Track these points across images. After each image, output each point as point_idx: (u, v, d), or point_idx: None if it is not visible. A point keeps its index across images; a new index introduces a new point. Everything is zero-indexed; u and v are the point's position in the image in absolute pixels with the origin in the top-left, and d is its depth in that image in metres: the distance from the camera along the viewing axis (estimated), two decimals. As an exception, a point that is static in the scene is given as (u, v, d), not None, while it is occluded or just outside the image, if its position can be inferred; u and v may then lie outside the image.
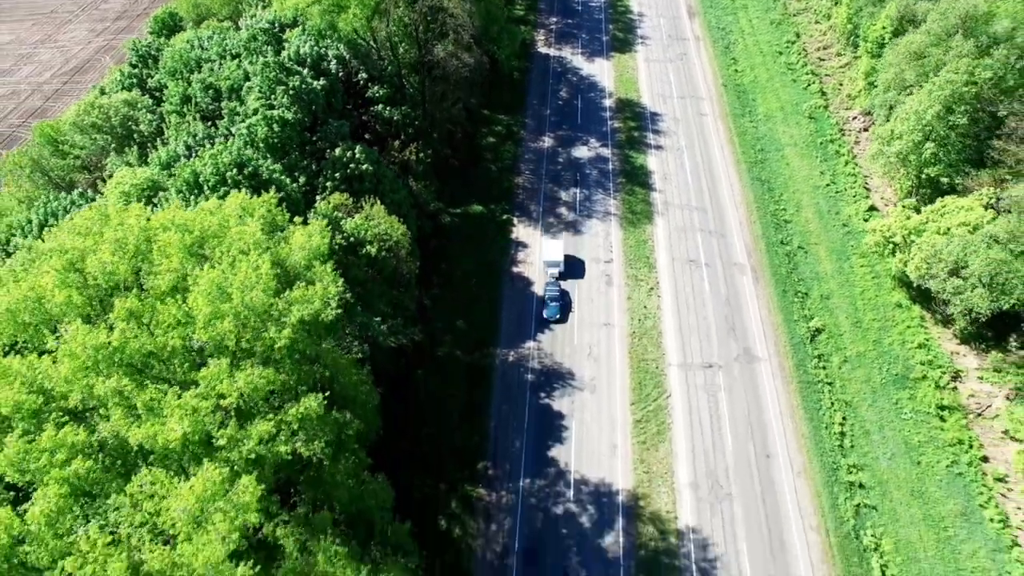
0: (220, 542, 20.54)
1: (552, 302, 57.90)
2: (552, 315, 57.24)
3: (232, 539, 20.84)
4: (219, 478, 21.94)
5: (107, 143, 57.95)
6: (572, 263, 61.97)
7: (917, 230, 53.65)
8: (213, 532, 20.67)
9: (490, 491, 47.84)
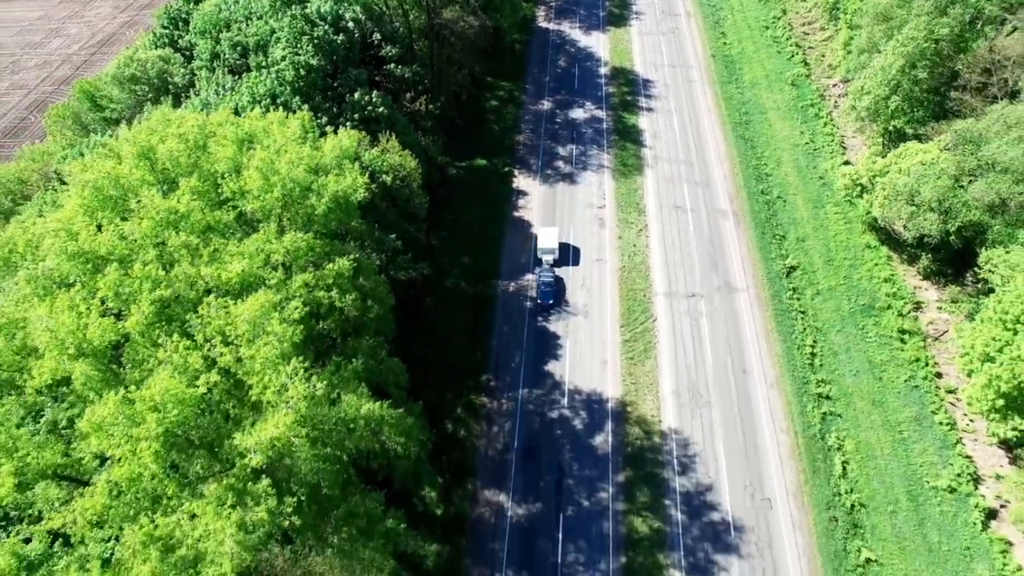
0: (276, 343, 25.70)
1: (546, 287, 59.51)
2: (545, 300, 59.04)
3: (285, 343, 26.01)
4: (273, 299, 27.12)
5: (144, 94, 63.25)
6: (566, 250, 63.65)
7: (881, 172, 58.89)
8: (271, 335, 25.82)
9: (492, 399, 53.14)
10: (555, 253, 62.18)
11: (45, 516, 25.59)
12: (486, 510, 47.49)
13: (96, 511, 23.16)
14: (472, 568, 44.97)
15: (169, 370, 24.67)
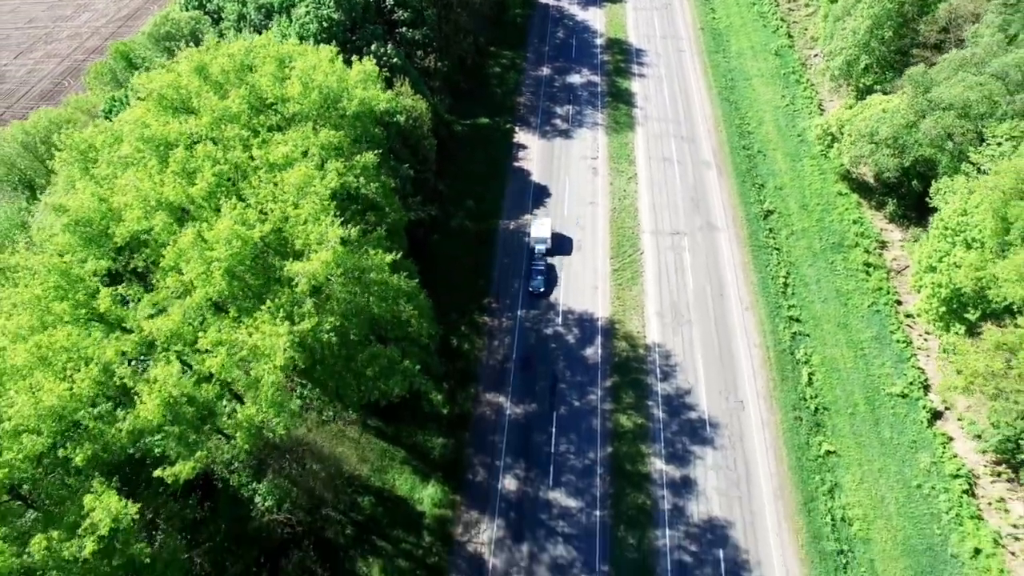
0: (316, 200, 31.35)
1: (538, 275, 60.74)
2: (537, 288, 60.11)
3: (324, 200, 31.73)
4: (312, 169, 32.80)
5: (177, 50, 69.21)
6: (560, 240, 64.65)
7: (849, 121, 64.50)
8: (313, 195, 31.48)
9: (493, 319, 58.81)
10: (548, 243, 63.28)
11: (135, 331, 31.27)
12: (487, 409, 53.14)
13: (172, 328, 28.83)
14: (474, 457, 50.62)
15: (230, 219, 30.32)
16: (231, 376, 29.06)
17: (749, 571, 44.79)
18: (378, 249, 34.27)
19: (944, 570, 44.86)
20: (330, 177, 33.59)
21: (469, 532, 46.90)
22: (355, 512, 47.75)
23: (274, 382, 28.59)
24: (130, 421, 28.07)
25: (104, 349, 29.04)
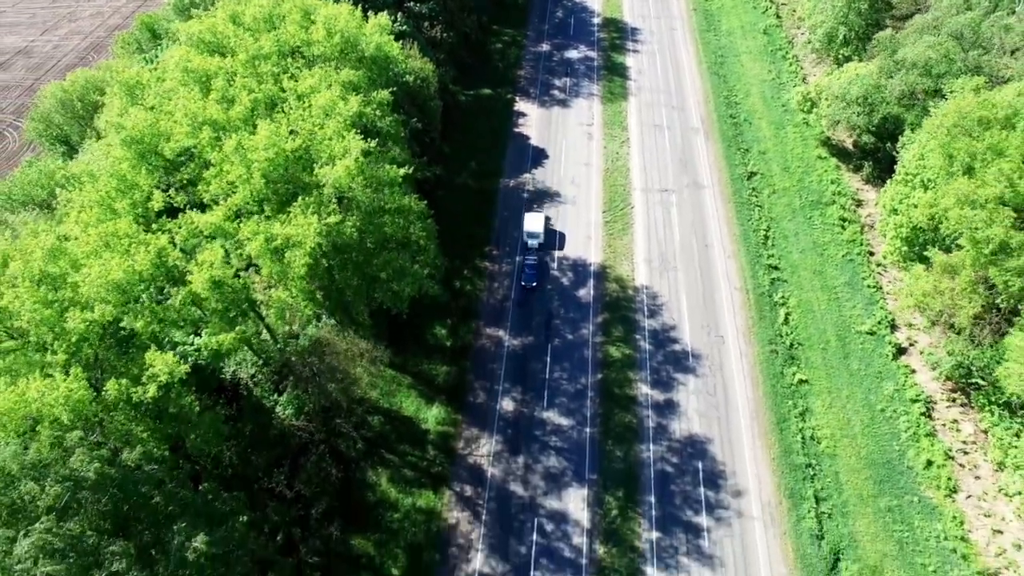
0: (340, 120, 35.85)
1: (530, 270, 61.40)
2: (529, 282, 60.85)
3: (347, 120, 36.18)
4: (336, 95, 37.33)
5: (199, 20, 74.03)
6: (552, 234, 65.57)
7: (827, 86, 68.99)
8: (337, 115, 35.98)
9: (493, 264, 63.35)
10: (540, 238, 64.08)
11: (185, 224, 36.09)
12: (487, 342, 57.61)
13: (216, 222, 33.41)
14: (475, 382, 55.09)
15: (267, 131, 34.83)
16: (266, 261, 33.61)
17: (725, 480, 49.22)
18: (392, 165, 38.74)
19: (900, 480, 49.27)
20: (352, 103, 38.16)
21: (470, 446, 51.37)
22: (365, 429, 52.26)
23: (304, 264, 33.07)
24: (183, 294, 32.58)
25: (159, 237, 33.62)
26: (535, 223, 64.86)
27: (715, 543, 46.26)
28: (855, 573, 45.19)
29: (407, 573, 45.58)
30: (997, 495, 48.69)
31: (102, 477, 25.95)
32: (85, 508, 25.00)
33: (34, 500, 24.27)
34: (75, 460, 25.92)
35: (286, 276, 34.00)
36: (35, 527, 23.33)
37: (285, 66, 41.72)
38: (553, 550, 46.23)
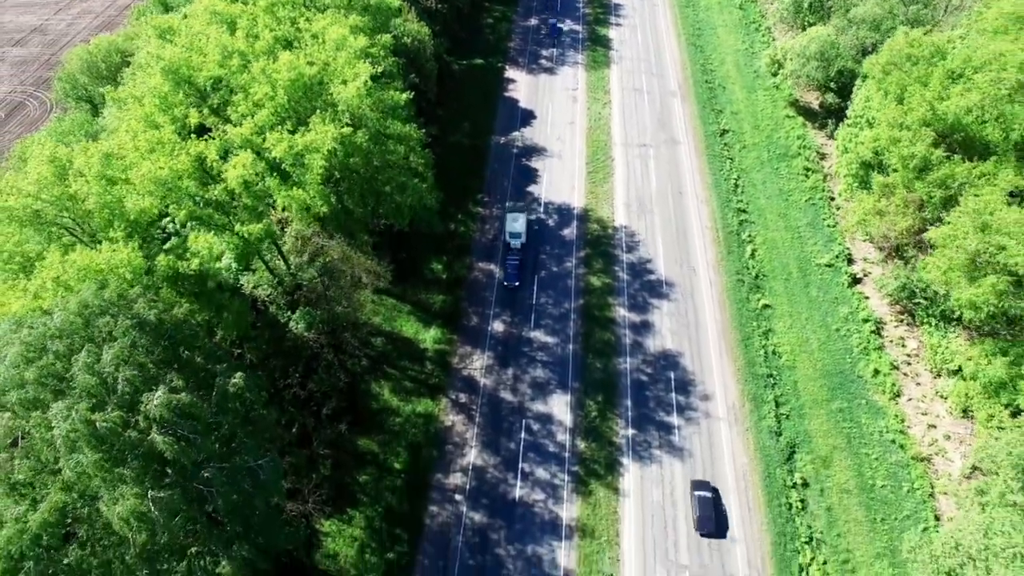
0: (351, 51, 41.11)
1: (512, 270, 61.61)
2: (512, 282, 61.21)
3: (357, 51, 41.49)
4: (346, 32, 42.74)
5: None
6: (534, 232, 65.91)
7: (792, 48, 74.84)
8: (348, 47, 41.35)
9: (485, 209, 68.80)
10: (523, 238, 64.17)
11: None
12: (479, 275, 62.98)
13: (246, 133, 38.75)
14: (469, 308, 60.44)
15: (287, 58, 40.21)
16: (288, 165, 38.85)
17: (694, 387, 54.67)
18: (396, 91, 44.09)
19: (851, 387, 54.84)
20: (360, 39, 43.48)
21: (464, 361, 56.67)
22: (369, 348, 57.50)
23: (321, 166, 38.28)
24: (219, 188, 37.76)
25: (196, 144, 38.82)
26: (517, 223, 64.46)
27: (685, 438, 51.71)
28: (808, 462, 50.79)
29: (408, 467, 50.87)
30: (934, 398, 54.38)
31: (160, 321, 31.11)
32: (147, 345, 30.18)
33: (111, 332, 29.43)
34: (138, 306, 31.04)
35: (304, 179, 39.23)
36: (114, 345, 28.47)
37: (301, 12, 47.01)
38: (539, 445, 51.57)
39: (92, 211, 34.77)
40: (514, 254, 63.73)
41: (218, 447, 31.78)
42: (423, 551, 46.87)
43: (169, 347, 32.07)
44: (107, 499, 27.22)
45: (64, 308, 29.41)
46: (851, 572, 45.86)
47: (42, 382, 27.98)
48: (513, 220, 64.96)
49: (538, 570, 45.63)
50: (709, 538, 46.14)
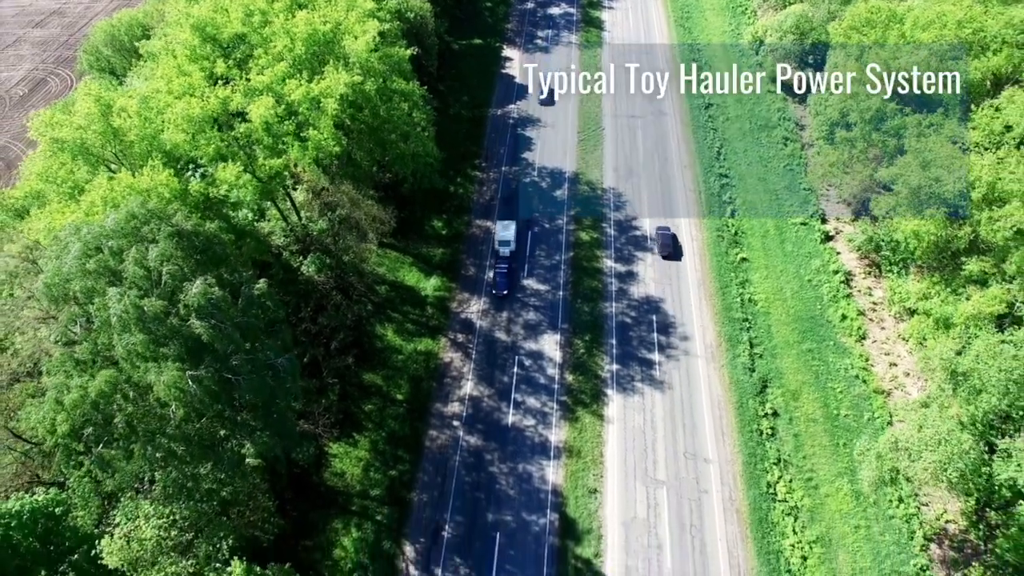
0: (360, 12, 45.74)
1: (501, 278, 61.54)
2: (501, 290, 61.12)
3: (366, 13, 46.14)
4: None
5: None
6: (524, 240, 65.81)
7: (771, 24, 79.43)
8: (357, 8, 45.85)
9: (483, 172, 73.36)
10: (512, 245, 64.14)
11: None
12: (477, 231, 67.50)
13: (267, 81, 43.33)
14: (467, 259, 64.95)
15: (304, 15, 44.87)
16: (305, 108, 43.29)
17: (674, 328, 59.09)
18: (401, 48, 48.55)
19: (820, 330, 59.21)
20: (368, 2, 47.90)
21: (462, 306, 61.12)
22: (373, 295, 61.93)
23: (335, 109, 42.74)
24: (244, 128, 42.15)
25: (223, 89, 43.33)
26: (507, 230, 64.44)
27: (665, 373, 56.10)
28: (779, 395, 55.15)
29: (409, 398, 55.28)
30: (896, 340, 58.78)
31: (194, 233, 35.55)
32: (184, 250, 34.66)
33: (154, 237, 33.88)
34: (176, 218, 35.49)
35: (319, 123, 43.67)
36: (158, 244, 32.90)
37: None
38: (531, 378, 55.98)
39: (133, 143, 39.29)
40: (503, 262, 63.29)
41: (244, 343, 36.26)
42: (423, 469, 51.29)
43: (202, 256, 36.54)
44: (153, 370, 31.63)
45: (115, 215, 33.95)
46: (814, 488, 50.28)
47: (99, 274, 32.40)
48: (504, 227, 64.93)
49: (528, 485, 50.07)
50: (669, 260, 62.99)
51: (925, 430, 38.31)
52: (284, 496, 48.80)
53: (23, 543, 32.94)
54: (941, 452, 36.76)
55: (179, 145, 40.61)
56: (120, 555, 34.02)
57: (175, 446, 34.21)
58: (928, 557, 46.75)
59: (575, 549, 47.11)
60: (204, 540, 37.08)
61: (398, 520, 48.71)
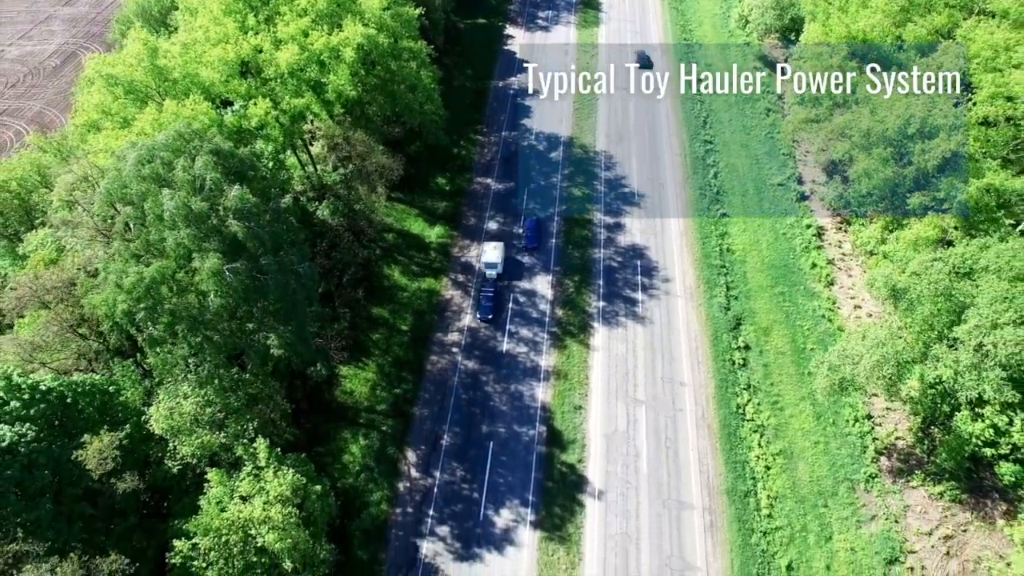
0: None
1: (487, 302, 60.23)
2: (486, 315, 59.72)
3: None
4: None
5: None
6: (512, 265, 64.34)
7: (754, 2, 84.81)
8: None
9: (484, 136, 78.84)
10: (499, 268, 62.67)
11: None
12: (478, 187, 73.01)
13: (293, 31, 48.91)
14: (468, 212, 70.48)
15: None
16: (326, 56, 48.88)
17: (657, 272, 64.39)
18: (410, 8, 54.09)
19: (792, 277, 64.40)
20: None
21: (463, 251, 66.60)
22: (382, 241, 67.46)
23: (352, 57, 48.21)
24: (273, 68, 47.78)
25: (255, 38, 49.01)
26: (494, 253, 62.91)
27: (647, 310, 61.38)
28: (751, 331, 60.33)
29: (413, 328, 60.73)
30: (862, 286, 63.88)
31: (231, 153, 41.17)
32: (223, 165, 40.27)
33: (198, 151, 39.50)
34: (215, 140, 41.10)
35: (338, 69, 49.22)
36: (201, 155, 38.60)
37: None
38: (525, 312, 61.34)
39: (176, 81, 44.96)
40: (489, 286, 61.79)
41: (272, 248, 41.80)
42: (425, 388, 56.70)
43: (235, 176, 42.11)
44: (197, 258, 37.16)
45: (165, 133, 39.60)
46: (780, 410, 55.41)
47: (152, 179, 37.96)
48: (492, 249, 63.11)
49: (520, 402, 55.41)
50: (644, 69, 68.81)
51: (867, 338, 43.46)
52: (300, 407, 54.32)
53: (86, 409, 38.52)
54: (878, 353, 41.89)
55: (215, 84, 46.24)
56: (164, 423, 39.59)
57: (211, 333, 39.75)
58: (877, 467, 51.90)
59: (561, 456, 52.43)
60: (233, 421, 42.65)
61: (401, 431, 54.17)
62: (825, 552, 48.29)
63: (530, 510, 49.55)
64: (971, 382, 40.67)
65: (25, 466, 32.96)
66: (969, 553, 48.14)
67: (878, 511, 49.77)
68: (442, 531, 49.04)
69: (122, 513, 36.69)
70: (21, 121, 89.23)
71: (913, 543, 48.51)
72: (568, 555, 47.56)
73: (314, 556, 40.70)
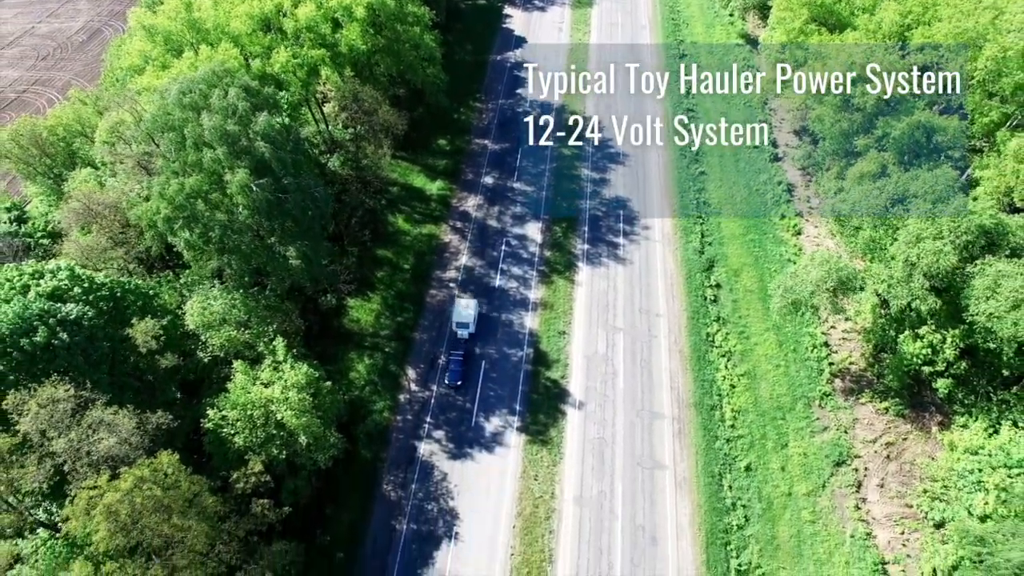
0: None
1: (455, 366, 55.76)
2: (454, 381, 55.43)
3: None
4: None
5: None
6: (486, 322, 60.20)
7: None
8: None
9: (483, 104, 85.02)
10: (471, 327, 58.17)
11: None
12: (476, 147, 79.15)
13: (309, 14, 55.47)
14: (467, 168, 76.61)
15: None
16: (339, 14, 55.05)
17: (637, 221, 70.37)
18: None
19: (763, 226, 70.22)
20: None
21: (461, 202, 72.71)
22: (387, 193, 73.56)
23: (363, 15, 54.33)
24: (292, 22, 54.14)
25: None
26: (465, 312, 58.21)
27: (627, 252, 67.28)
28: (723, 272, 66.15)
29: (414, 267, 66.78)
30: (827, 236, 69.62)
31: (257, 91, 47.40)
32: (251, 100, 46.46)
33: (230, 85, 45.72)
34: (244, 78, 47.31)
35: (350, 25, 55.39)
36: (233, 87, 44.76)
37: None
38: (516, 254, 67.36)
39: (209, 31, 51.23)
40: (459, 347, 56.91)
41: (294, 172, 47.94)
42: (424, 317, 62.69)
43: (262, 107, 48.29)
44: (229, 172, 43.30)
45: (202, 70, 45.86)
46: (746, 339, 61.14)
47: (191, 107, 44.17)
48: (464, 307, 58.55)
49: (510, 329, 61.33)
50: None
51: (814, 259, 49.28)
52: (311, 331, 60.33)
53: (131, 305, 44.62)
54: (822, 269, 47.69)
55: (243, 35, 52.37)
56: (197, 318, 45.69)
57: (240, 240, 45.84)
58: (832, 387, 57.59)
59: (546, 373, 58.31)
60: (256, 323, 48.72)
61: (403, 352, 60.15)
62: (781, 456, 54.04)
63: (517, 418, 55.43)
64: (902, 291, 46.41)
65: (88, 337, 39.05)
66: (907, 456, 53.83)
67: (830, 423, 55.50)
68: (438, 435, 54.98)
69: (163, 389, 42.76)
70: (52, 90, 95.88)
71: (859, 449, 54.25)
72: (550, 455, 53.41)
73: (324, 439, 46.65)
